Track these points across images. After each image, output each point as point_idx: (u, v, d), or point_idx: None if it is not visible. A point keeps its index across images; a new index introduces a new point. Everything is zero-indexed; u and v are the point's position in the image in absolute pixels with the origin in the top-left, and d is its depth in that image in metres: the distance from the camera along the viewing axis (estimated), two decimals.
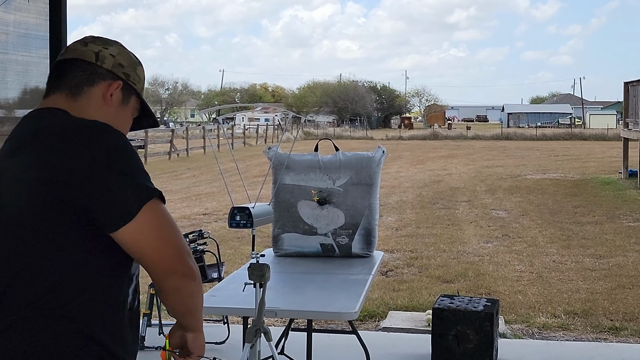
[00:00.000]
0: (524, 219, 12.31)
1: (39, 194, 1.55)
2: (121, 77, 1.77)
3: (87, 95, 1.73)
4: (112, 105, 1.76)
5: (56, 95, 1.74)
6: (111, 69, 1.76)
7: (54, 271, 1.56)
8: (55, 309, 1.56)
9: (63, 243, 1.57)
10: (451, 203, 14.57)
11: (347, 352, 4.91)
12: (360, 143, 39.59)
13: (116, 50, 1.79)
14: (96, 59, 1.75)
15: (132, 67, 1.81)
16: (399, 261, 8.87)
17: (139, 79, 1.83)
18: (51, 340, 1.55)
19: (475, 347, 4.64)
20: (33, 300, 1.56)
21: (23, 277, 1.56)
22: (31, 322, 1.55)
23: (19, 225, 1.57)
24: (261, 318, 3.05)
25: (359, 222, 4.60)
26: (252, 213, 3.20)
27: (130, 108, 1.82)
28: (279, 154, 4.66)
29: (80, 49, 1.77)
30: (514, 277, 7.91)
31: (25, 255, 1.57)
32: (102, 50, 1.76)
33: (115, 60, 1.77)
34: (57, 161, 1.56)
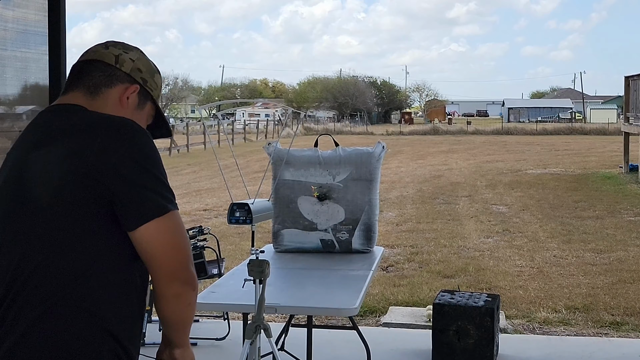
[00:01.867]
0: (524, 214, 12.30)
1: (70, 186, 1.59)
2: (139, 81, 1.81)
3: (104, 96, 1.76)
4: (127, 108, 1.79)
5: (75, 94, 1.77)
6: (129, 72, 1.79)
7: (77, 263, 1.59)
8: (77, 302, 1.59)
9: (87, 236, 1.61)
10: (452, 198, 14.56)
11: (347, 348, 4.91)
12: (361, 138, 39.56)
13: (136, 55, 1.83)
14: (116, 61, 1.79)
15: (150, 73, 1.85)
16: (399, 256, 8.86)
17: (155, 86, 1.87)
18: (72, 334, 1.58)
19: (475, 343, 4.64)
20: (56, 291, 1.58)
21: (47, 266, 1.59)
22: (55, 315, 1.57)
23: (47, 216, 1.60)
24: (261, 314, 3.04)
25: (359, 218, 4.59)
26: (252, 209, 3.19)
27: (145, 113, 1.85)
28: (278, 149, 4.66)
29: (100, 51, 1.81)
30: (515, 272, 7.91)
31: (50, 244, 1.59)
32: (122, 54, 1.80)
33: (134, 65, 1.81)
34: (91, 155, 1.60)
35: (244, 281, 3.12)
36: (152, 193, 1.64)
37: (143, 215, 1.62)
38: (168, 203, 1.66)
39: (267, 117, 61.41)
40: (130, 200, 1.61)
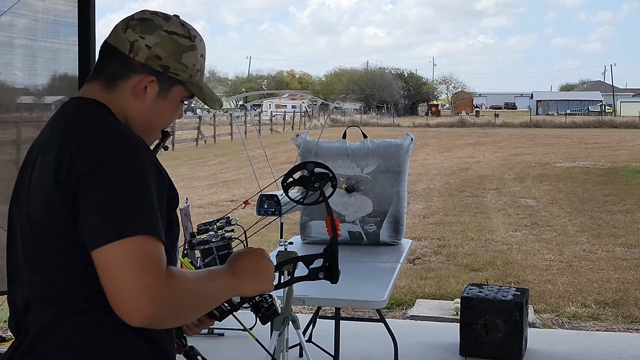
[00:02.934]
0: (553, 208, 12.18)
1: (53, 196, 1.50)
2: (157, 70, 1.62)
3: (122, 89, 1.63)
4: (145, 100, 1.64)
5: (94, 85, 1.65)
6: (145, 62, 1.61)
7: (83, 269, 1.52)
8: (96, 305, 1.52)
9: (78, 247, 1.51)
10: (479, 191, 14.46)
11: (374, 340, 4.89)
12: (387, 130, 39.43)
13: (155, 40, 1.61)
14: (130, 50, 1.61)
15: (175, 56, 1.63)
16: (426, 249, 8.82)
17: (184, 68, 1.65)
18: (97, 333, 1.53)
19: (504, 337, 4.60)
20: (74, 295, 1.53)
21: (61, 270, 1.54)
22: (77, 316, 1.54)
23: (42, 227, 1.54)
24: (289, 306, 3.04)
25: (387, 210, 4.57)
26: (281, 201, 3.18)
27: (170, 100, 1.67)
28: (307, 141, 4.64)
29: (119, 34, 1.64)
30: (544, 266, 7.83)
31: (54, 256, 1.54)
32: (138, 40, 1.61)
33: (150, 52, 1.61)
34: (67, 166, 1.49)
35: None
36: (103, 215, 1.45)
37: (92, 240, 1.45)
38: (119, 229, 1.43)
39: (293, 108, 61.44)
40: (82, 221, 1.46)
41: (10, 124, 4.30)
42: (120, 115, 1.63)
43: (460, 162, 20.95)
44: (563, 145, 29.00)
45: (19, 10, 4.15)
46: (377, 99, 77.85)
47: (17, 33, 4.26)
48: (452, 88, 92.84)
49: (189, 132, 32.90)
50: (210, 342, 5.01)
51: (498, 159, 22.18)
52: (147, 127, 1.68)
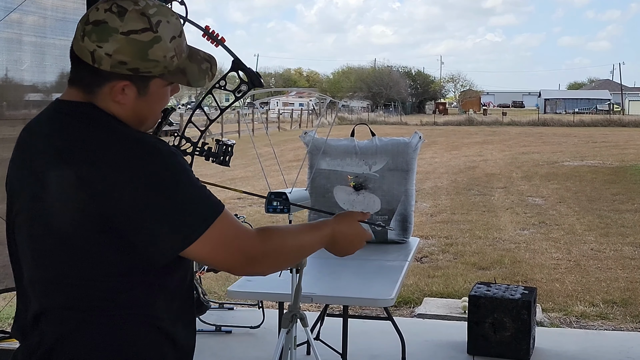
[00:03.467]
0: (561, 206, 12.14)
1: (87, 216, 1.51)
2: (127, 74, 1.56)
3: (100, 95, 1.59)
4: (127, 102, 1.59)
5: (77, 91, 1.61)
6: (111, 70, 1.55)
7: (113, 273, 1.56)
8: (121, 308, 1.56)
9: (110, 258, 1.55)
10: (486, 189, 14.42)
11: (382, 338, 4.89)
12: (395, 128, 39.39)
13: (113, 47, 1.52)
14: (92, 60, 1.55)
15: (141, 55, 1.54)
16: (433, 247, 8.81)
17: (155, 63, 1.57)
18: (121, 335, 1.56)
19: (512, 336, 4.59)
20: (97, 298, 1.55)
21: (90, 279, 1.55)
22: (102, 319, 1.56)
23: (71, 240, 1.54)
24: (297, 303, 3.03)
25: (395, 208, 4.56)
26: (290, 198, 3.18)
27: (153, 94, 1.62)
28: (315, 139, 4.64)
29: (78, 44, 1.57)
30: (551, 265, 7.81)
31: (81, 264, 1.55)
32: (97, 50, 1.53)
33: (112, 60, 1.53)
34: (98, 186, 1.49)
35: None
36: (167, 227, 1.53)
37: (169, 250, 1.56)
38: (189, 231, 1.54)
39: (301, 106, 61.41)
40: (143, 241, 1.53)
41: (18, 120, 4.31)
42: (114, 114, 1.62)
43: (468, 161, 20.91)
44: (571, 144, 28.91)
45: (28, 8, 4.16)
46: (384, 97, 77.79)
47: (26, 30, 4.27)
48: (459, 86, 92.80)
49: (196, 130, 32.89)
50: (218, 339, 5.01)
51: (506, 157, 22.13)
52: (139, 122, 1.65)
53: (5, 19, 3.98)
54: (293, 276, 3.06)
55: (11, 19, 4.05)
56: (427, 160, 20.34)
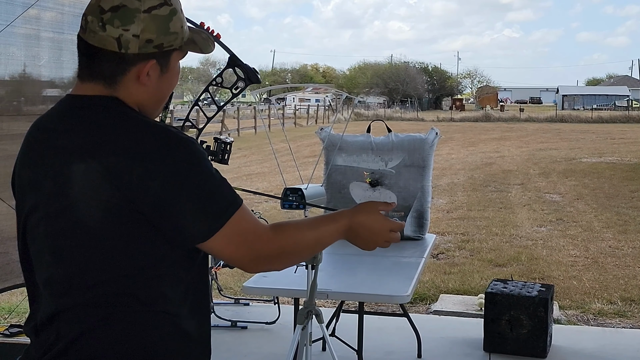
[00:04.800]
0: (578, 203, 12.06)
1: (117, 208, 1.51)
2: (153, 52, 1.59)
3: (123, 85, 1.60)
4: (150, 84, 1.62)
5: (94, 85, 1.60)
6: (139, 51, 1.57)
7: (131, 270, 1.56)
8: (141, 304, 1.56)
9: (139, 249, 1.56)
10: (503, 186, 14.36)
11: (398, 335, 4.88)
12: (411, 124, 39.30)
13: (139, 27, 1.55)
14: (119, 46, 1.56)
15: (164, 30, 1.59)
16: (450, 244, 8.78)
17: (175, 36, 1.62)
18: (139, 329, 1.56)
19: (528, 333, 4.56)
20: (118, 293, 1.55)
21: (114, 276, 1.55)
22: (122, 315, 1.55)
23: (96, 233, 1.54)
24: (313, 300, 3.03)
25: (411, 205, 4.55)
26: (305, 194, 3.18)
27: (172, 69, 1.67)
28: (331, 135, 4.63)
29: (98, 33, 1.56)
30: (569, 262, 7.76)
31: (103, 258, 1.55)
32: (123, 34, 1.55)
33: (140, 40, 1.56)
34: (131, 178, 1.50)
35: (296, 266, 3.11)
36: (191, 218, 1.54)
37: (191, 239, 1.57)
38: (212, 222, 1.56)
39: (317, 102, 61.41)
40: (170, 229, 1.55)
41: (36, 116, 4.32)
42: (133, 106, 1.63)
43: (485, 157, 20.81)
44: (589, 140, 28.70)
45: (46, 4, 4.18)
46: (401, 93, 77.55)
47: (44, 26, 4.29)
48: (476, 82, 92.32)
49: (213, 125, 32.96)
50: (234, 335, 5.02)
51: (523, 153, 22.00)
52: (158, 103, 1.70)
53: (24, 15, 3.99)
54: (309, 272, 3.06)
55: (29, 14, 4.07)
56: (443, 156, 20.27)
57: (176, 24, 1.61)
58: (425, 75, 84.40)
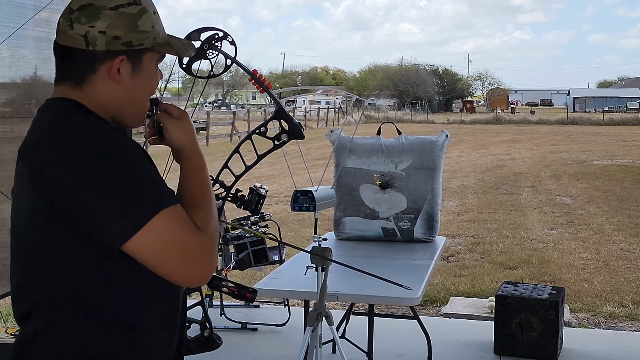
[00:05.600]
0: (590, 206, 12.01)
1: (37, 210, 1.47)
2: (122, 49, 1.56)
3: (92, 84, 1.57)
4: (123, 81, 1.58)
5: (64, 86, 1.59)
6: (106, 48, 1.55)
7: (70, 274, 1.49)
8: (85, 308, 1.50)
9: (66, 253, 1.49)
10: (514, 188, 14.31)
11: (408, 337, 4.87)
12: (422, 127, 39.24)
13: (105, 23, 1.54)
14: (86, 43, 1.54)
15: (132, 27, 1.56)
16: (460, 246, 8.76)
17: (145, 35, 1.59)
18: (85, 337, 1.50)
19: (539, 336, 4.55)
20: (58, 300, 1.49)
21: (47, 277, 1.50)
22: (67, 321, 1.50)
23: (30, 235, 1.51)
24: (323, 302, 3.03)
25: (421, 207, 4.55)
26: (315, 196, 3.18)
27: (146, 70, 1.62)
28: (341, 137, 4.63)
29: (67, 33, 1.56)
30: (580, 265, 7.73)
31: (41, 260, 1.50)
32: (90, 31, 1.54)
33: (107, 37, 1.54)
34: (46, 178, 1.45)
35: (307, 268, 3.11)
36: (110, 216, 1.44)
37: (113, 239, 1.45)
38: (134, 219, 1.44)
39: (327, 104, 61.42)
40: (91, 227, 1.45)
41: None
42: (101, 107, 1.58)
43: (495, 159, 20.76)
44: (600, 142, 28.58)
45: (57, 7, 4.19)
46: (411, 96, 77.54)
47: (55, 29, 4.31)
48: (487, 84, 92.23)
49: (223, 127, 33.06)
50: (244, 336, 5.03)
51: (534, 156, 21.93)
52: (134, 105, 1.63)
53: (35, 18, 4.01)
54: (319, 274, 3.06)
55: (40, 17, 4.09)
56: (453, 158, 20.23)
57: (145, 23, 1.58)
58: (436, 78, 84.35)
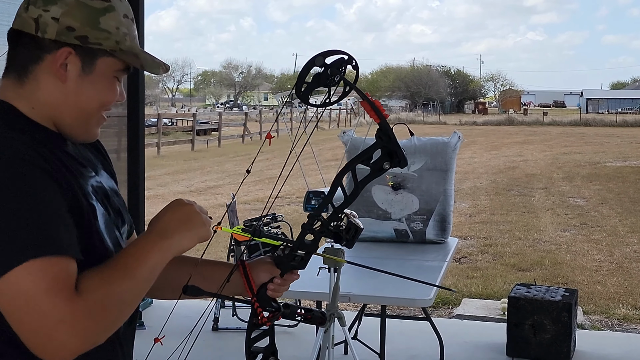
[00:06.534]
0: (603, 208, 11.95)
1: None
2: (73, 43, 1.36)
3: (34, 76, 1.37)
4: (67, 79, 1.37)
5: (7, 80, 1.40)
6: (56, 38, 1.35)
7: None
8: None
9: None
10: (527, 190, 14.27)
11: (420, 339, 4.87)
12: (434, 128, 39.15)
13: (60, 9, 1.35)
14: (36, 28, 1.35)
15: (91, 22, 1.37)
16: (472, 248, 8.74)
17: (106, 34, 1.38)
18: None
19: (552, 338, 4.53)
20: None
21: None
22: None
23: None
24: (335, 303, 3.03)
25: (433, 208, 4.54)
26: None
27: (99, 75, 1.40)
28: (353, 138, 4.63)
29: (21, 15, 1.38)
30: (593, 267, 7.70)
31: None
32: (43, 15, 1.35)
33: (60, 25, 1.35)
34: None
35: (319, 269, 3.11)
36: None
37: None
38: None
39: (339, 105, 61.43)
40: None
41: None
42: (40, 107, 1.39)
43: (508, 161, 20.69)
44: (614, 144, 28.42)
45: None
46: (423, 97, 77.38)
47: None
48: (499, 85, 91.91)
49: (235, 128, 33.12)
50: None
51: (546, 157, 21.85)
52: (77, 112, 1.40)
53: None
54: (331, 275, 3.06)
55: None
56: (466, 160, 20.18)
57: (109, 22, 1.38)
58: (448, 79, 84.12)
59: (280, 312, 1.63)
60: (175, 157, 22.77)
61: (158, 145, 23.79)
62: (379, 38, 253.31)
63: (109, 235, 1.41)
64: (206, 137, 29.72)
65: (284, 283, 1.64)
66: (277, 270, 1.61)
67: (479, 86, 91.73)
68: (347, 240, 1.57)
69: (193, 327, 1.66)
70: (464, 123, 49.14)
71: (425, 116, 56.81)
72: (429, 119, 53.48)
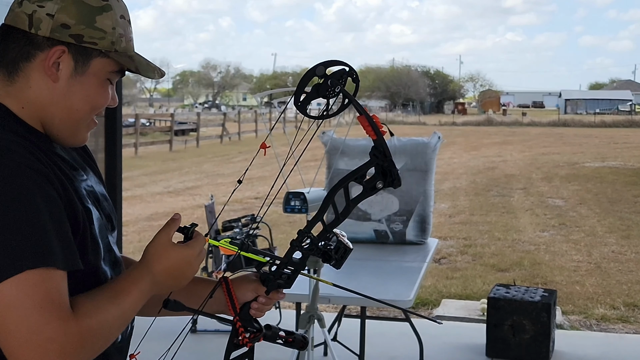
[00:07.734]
0: (581, 208, 12.03)
1: None
2: (67, 41, 1.32)
3: (25, 74, 1.33)
4: (59, 79, 1.33)
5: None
6: (50, 35, 1.31)
7: None
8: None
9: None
10: (506, 190, 14.33)
11: (400, 340, 4.86)
12: (414, 128, 39.26)
13: (56, 5, 1.31)
14: (30, 24, 1.31)
15: (87, 20, 1.33)
16: (452, 249, 8.76)
17: (102, 34, 1.34)
18: None
19: (531, 338, 4.54)
20: None
21: None
22: None
23: None
24: (315, 304, 3.01)
25: (413, 209, 4.53)
26: (308, 198, 3.16)
27: (91, 76, 1.36)
28: (333, 138, 4.61)
29: (14, 10, 1.34)
30: (571, 267, 7.74)
31: None
32: (37, 11, 1.31)
33: (54, 22, 1.31)
34: None
35: None
36: None
37: None
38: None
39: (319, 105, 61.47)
40: None
41: None
42: (30, 107, 1.35)
43: (487, 161, 20.79)
44: (592, 144, 28.66)
45: None
46: (402, 97, 77.66)
47: None
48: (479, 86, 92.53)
49: (214, 128, 33.01)
50: None
51: (525, 158, 21.98)
52: (67, 114, 1.36)
53: None
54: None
55: None
56: (445, 160, 20.25)
57: (105, 22, 1.35)
58: (427, 79, 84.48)
59: (262, 334, 1.61)
60: (153, 157, 22.63)
61: (136, 146, 23.65)
62: (358, 38, 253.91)
63: (102, 240, 1.39)
64: (184, 138, 29.58)
65: (268, 302, 1.60)
66: (263, 288, 1.57)
67: (459, 87, 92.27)
68: (336, 260, 1.55)
69: (179, 334, 1.63)
70: (443, 123, 49.36)
71: (405, 117, 57.02)
72: (408, 120, 53.66)
